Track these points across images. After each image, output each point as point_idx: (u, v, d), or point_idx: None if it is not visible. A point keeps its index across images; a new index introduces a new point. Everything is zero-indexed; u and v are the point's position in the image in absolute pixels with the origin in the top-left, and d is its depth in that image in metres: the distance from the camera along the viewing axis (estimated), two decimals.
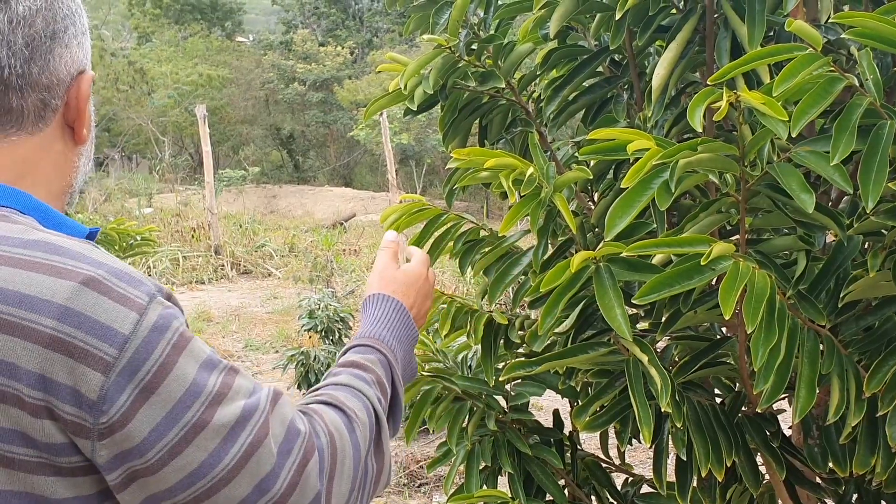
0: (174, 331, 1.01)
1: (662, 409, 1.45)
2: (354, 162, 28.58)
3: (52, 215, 1.12)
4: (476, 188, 1.88)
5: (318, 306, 7.10)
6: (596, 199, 2.07)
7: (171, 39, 29.84)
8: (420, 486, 5.42)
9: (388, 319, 1.43)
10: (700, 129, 1.31)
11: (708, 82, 1.36)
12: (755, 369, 1.36)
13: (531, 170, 1.60)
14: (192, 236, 14.46)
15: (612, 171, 1.94)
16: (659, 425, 1.72)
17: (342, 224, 17.72)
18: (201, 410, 1.00)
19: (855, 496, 1.88)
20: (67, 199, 1.20)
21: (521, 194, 1.62)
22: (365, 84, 24.27)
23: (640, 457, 5.29)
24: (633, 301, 1.39)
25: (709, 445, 1.62)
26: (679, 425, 1.55)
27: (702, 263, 1.29)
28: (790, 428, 1.94)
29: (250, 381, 1.07)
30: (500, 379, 1.85)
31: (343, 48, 28.06)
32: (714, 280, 1.39)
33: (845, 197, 1.79)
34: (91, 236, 1.15)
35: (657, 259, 1.53)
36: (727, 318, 1.25)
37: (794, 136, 1.26)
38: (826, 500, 1.95)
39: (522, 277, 1.89)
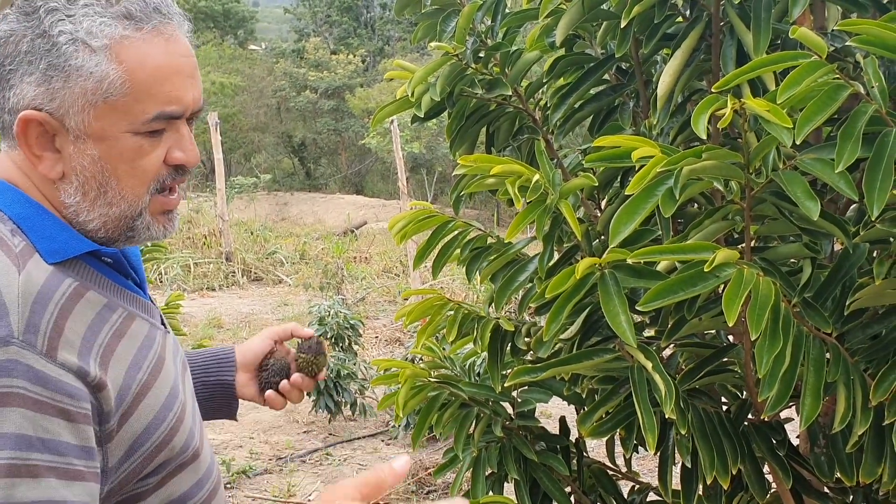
0: None
1: (667, 416, 1.45)
2: (366, 170, 28.63)
3: (38, 221, 1.20)
4: (487, 196, 1.89)
5: (327, 313, 7.11)
6: (603, 206, 2.07)
7: None
8: (428, 492, 5.41)
9: None
10: (704, 137, 1.31)
11: (713, 89, 1.36)
12: (760, 377, 1.36)
13: (537, 176, 1.61)
14: (204, 243, 14.48)
15: (619, 179, 1.95)
16: (664, 432, 1.71)
17: (353, 231, 17.74)
18: None
19: None
20: (94, 232, 1.24)
21: (527, 201, 1.62)
22: (377, 92, 24.33)
23: (648, 465, 5.28)
24: (637, 307, 1.39)
25: (714, 453, 1.62)
26: (684, 432, 1.55)
27: (705, 270, 1.29)
28: (798, 437, 1.94)
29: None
30: (506, 385, 1.85)
31: (355, 56, 28.15)
32: (720, 287, 1.39)
33: (853, 205, 1.79)
34: (106, 256, 1.24)
35: (662, 266, 1.53)
36: (731, 324, 1.25)
37: (798, 143, 1.26)
38: None
39: (529, 284, 1.89)
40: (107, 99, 1.17)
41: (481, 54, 1.92)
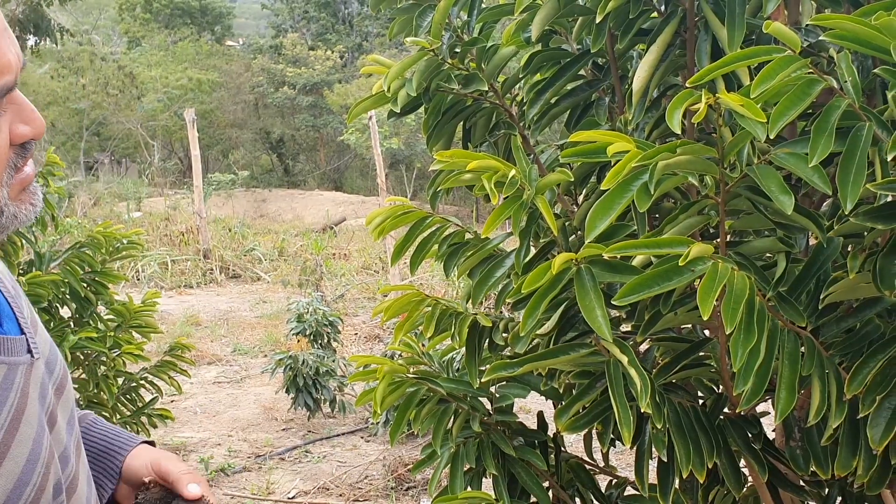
0: None
1: (642, 410, 1.46)
2: (345, 166, 28.57)
3: None
4: (466, 193, 1.88)
5: (306, 310, 7.09)
6: (580, 201, 2.07)
7: (160, 44, 29.83)
8: (408, 489, 5.41)
9: None
10: (678, 131, 1.31)
11: (687, 84, 1.36)
12: (735, 371, 1.37)
13: (513, 172, 1.61)
14: (181, 240, 14.45)
15: (595, 174, 1.95)
16: (640, 427, 1.72)
17: (332, 228, 17.72)
18: None
19: (839, 499, 1.88)
20: None
21: (504, 196, 1.62)
22: (355, 88, 24.27)
23: (627, 459, 5.30)
24: (612, 302, 1.40)
25: (690, 447, 1.62)
26: (660, 426, 1.55)
27: (679, 265, 1.29)
28: (774, 430, 1.94)
29: None
30: (483, 380, 1.85)
31: (333, 52, 28.05)
32: (695, 282, 1.39)
33: (828, 199, 1.79)
34: None
35: (637, 261, 1.53)
36: (705, 318, 1.25)
37: (772, 137, 1.26)
38: (810, 503, 1.95)
39: (506, 280, 1.89)
40: None
41: (457, 49, 1.92)
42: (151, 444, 1.39)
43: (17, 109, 1.00)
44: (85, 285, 3.64)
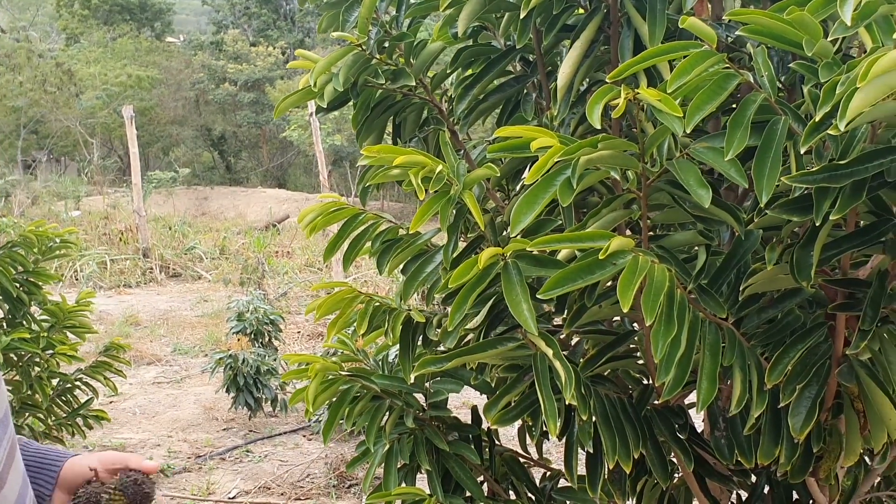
0: None
1: (567, 402, 1.47)
2: (288, 163, 28.39)
3: None
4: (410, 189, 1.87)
5: (246, 309, 7.04)
6: (511, 197, 2.08)
7: (99, 40, 29.34)
8: (350, 486, 5.40)
9: None
10: (599, 126, 1.33)
11: (607, 79, 1.38)
12: (656, 362, 1.38)
13: (440, 167, 1.61)
14: (120, 239, 14.25)
15: (526, 170, 1.96)
16: (569, 419, 1.73)
17: (275, 226, 17.60)
18: None
19: (767, 488, 1.92)
20: None
21: (433, 192, 1.62)
22: (297, 84, 24.09)
23: (562, 452, 5.34)
24: (537, 296, 1.40)
25: (616, 438, 1.64)
26: (585, 418, 1.57)
27: (600, 258, 1.30)
28: (704, 421, 1.97)
29: None
30: (413, 375, 1.85)
31: (274, 48, 27.84)
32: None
33: (751, 192, 1.82)
34: None
35: (562, 255, 1.54)
36: (625, 310, 1.27)
37: (688, 131, 1.28)
38: (739, 492, 1.98)
39: (438, 275, 1.89)
40: None
41: (386, 44, 1.91)
42: None
43: None
44: (17, 285, 3.57)
